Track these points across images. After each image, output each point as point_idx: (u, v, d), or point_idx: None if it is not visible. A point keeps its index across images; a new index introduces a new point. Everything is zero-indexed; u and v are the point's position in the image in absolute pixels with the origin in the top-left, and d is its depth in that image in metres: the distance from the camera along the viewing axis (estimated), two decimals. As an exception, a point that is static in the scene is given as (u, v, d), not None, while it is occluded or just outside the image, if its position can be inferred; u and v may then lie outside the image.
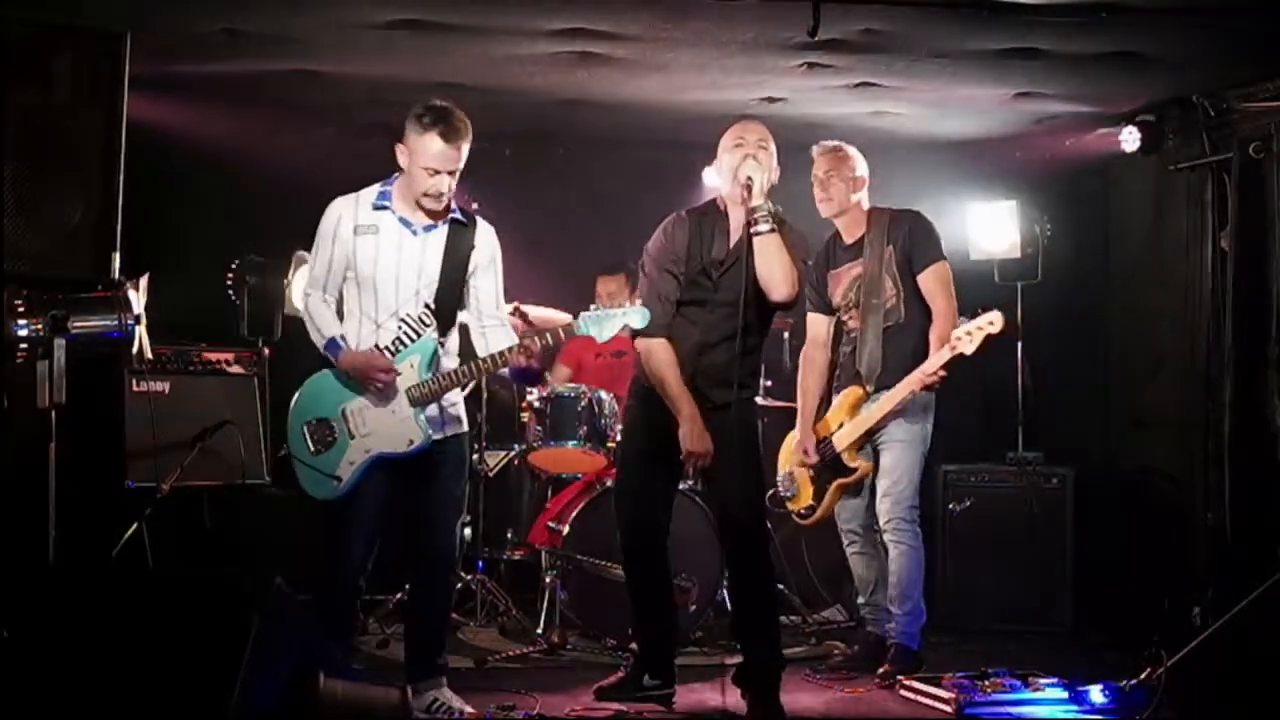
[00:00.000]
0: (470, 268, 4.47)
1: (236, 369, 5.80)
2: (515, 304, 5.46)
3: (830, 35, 5.04)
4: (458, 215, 4.48)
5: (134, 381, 5.56)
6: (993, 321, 4.96)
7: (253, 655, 3.40)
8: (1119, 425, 6.73)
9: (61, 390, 4.02)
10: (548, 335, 4.44)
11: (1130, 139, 6.29)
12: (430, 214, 4.41)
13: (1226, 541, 5.80)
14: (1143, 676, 4.58)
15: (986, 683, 4.77)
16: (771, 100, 6.19)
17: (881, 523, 5.24)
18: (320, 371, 4.47)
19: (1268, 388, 5.68)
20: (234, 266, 5.89)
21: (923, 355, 5.09)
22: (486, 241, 4.52)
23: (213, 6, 5.02)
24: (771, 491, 5.49)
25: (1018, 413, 6.38)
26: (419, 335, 4.39)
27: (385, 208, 4.40)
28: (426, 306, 4.40)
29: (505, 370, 4.52)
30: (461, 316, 4.55)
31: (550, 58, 5.54)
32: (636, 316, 4.41)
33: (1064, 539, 6.18)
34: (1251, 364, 5.75)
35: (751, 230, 4.46)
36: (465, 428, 4.59)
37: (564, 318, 6.24)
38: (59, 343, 4.02)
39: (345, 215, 4.40)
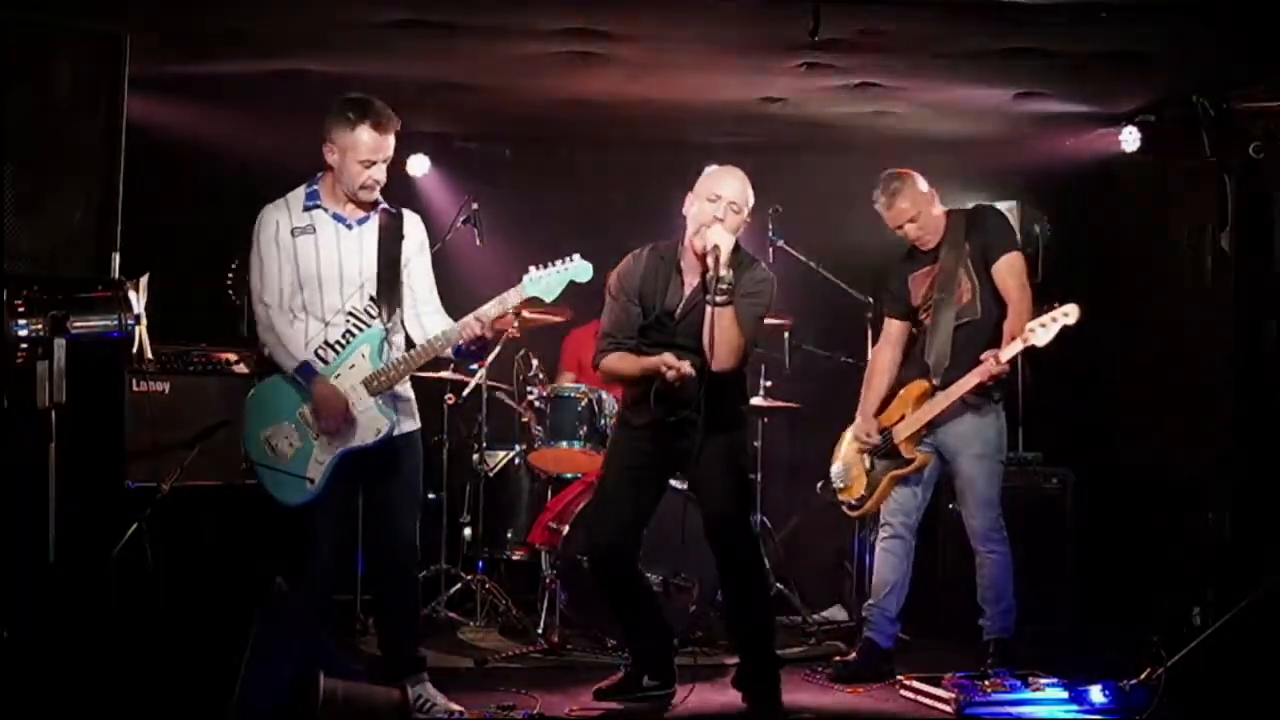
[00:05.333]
0: (403, 258, 4.49)
1: (240, 368, 5.80)
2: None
3: (830, 35, 5.03)
4: (385, 205, 4.51)
5: (134, 381, 5.56)
6: (1068, 313, 4.93)
7: (253, 655, 3.41)
8: (1119, 425, 6.73)
9: (61, 390, 4.01)
10: (496, 303, 4.43)
11: (1130, 139, 6.29)
12: (361, 206, 4.44)
13: (1226, 541, 5.80)
14: (1143, 676, 4.58)
15: (986, 683, 4.77)
16: (771, 100, 6.19)
17: (972, 534, 5.22)
18: (265, 380, 4.49)
19: (1268, 388, 5.68)
20: (234, 266, 5.89)
21: None
22: (414, 230, 4.55)
23: (213, 6, 5.02)
24: (823, 482, 5.55)
25: (1018, 413, 6.37)
26: (366, 327, 4.41)
27: (317, 206, 4.43)
28: (370, 299, 4.42)
29: (450, 351, 4.48)
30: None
31: (550, 58, 5.54)
32: (578, 271, 4.48)
33: (1064, 539, 6.18)
34: (1252, 364, 5.75)
35: (706, 299, 4.44)
36: (418, 424, 4.59)
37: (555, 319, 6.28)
38: (59, 343, 4.01)
39: (281, 221, 4.42)
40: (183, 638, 3.48)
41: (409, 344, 4.50)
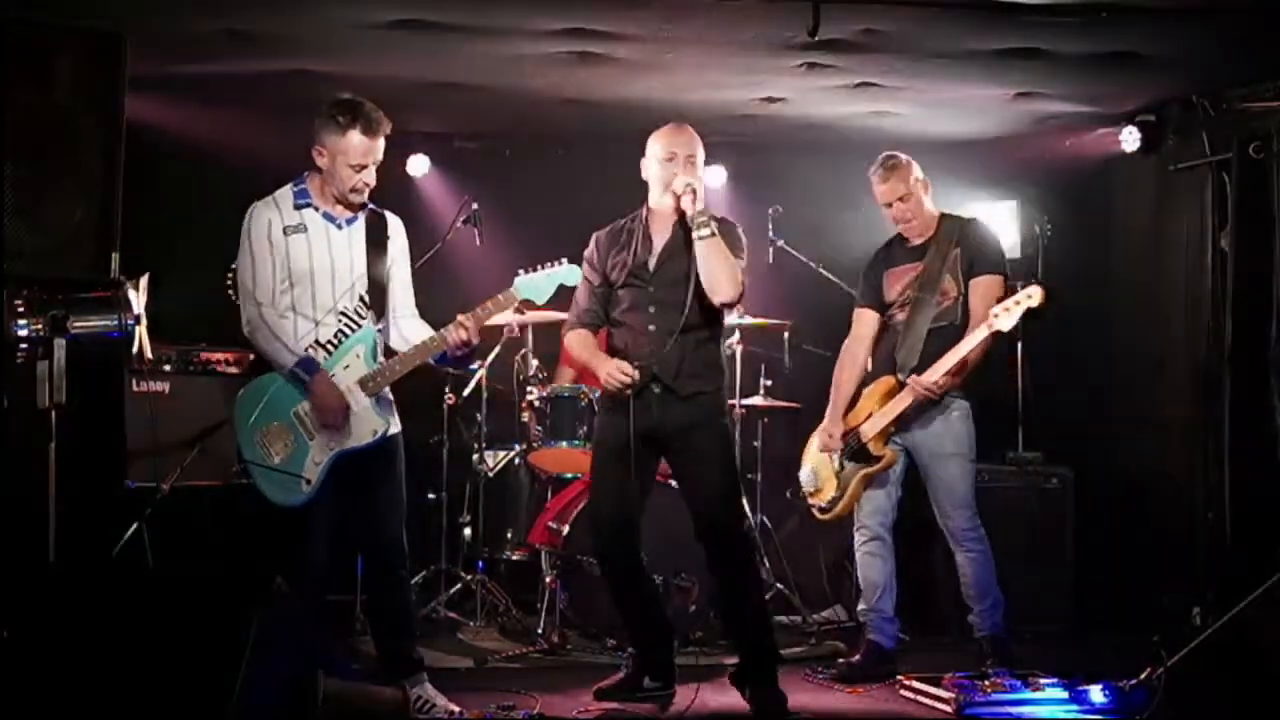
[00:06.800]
0: (388, 259, 4.50)
1: (240, 368, 5.80)
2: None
3: (830, 35, 5.04)
4: (372, 206, 4.52)
5: (134, 381, 5.57)
6: (1031, 295, 4.90)
7: (253, 655, 3.41)
8: (1119, 425, 6.73)
9: (61, 390, 4.02)
10: (488, 304, 4.44)
11: (1130, 139, 6.30)
12: (349, 206, 4.45)
13: (1226, 541, 5.80)
14: (1143, 676, 4.58)
15: (986, 683, 4.77)
16: (771, 100, 6.19)
17: (950, 536, 5.21)
18: (257, 379, 4.44)
19: (1268, 388, 5.68)
20: (233, 266, 5.88)
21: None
22: (398, 233, 4.57)
23: (213, 6, 5.02)
24: (793, 489, 5.55)
25: (1018, 413, 6.37)
26: (358, 327, 4.42)
27: (307, 205, 4.43)
28: (361, 298, 4.43)
29: (432, 359, 4.51)
30: None
31: (550, 58, 5.54)
32: (567, 274, 4.55)
33: (1064, 539, 6.18)
34: (1251, 364, 5.75)
35: (695, 236, 4.53)
36: (399, 426, 4.56)
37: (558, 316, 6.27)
38: (59, 343, 4.03)
39: (274, 219, 4.41)
40: (183, 638, 3.48)
41: (387, 347, 4.51)
